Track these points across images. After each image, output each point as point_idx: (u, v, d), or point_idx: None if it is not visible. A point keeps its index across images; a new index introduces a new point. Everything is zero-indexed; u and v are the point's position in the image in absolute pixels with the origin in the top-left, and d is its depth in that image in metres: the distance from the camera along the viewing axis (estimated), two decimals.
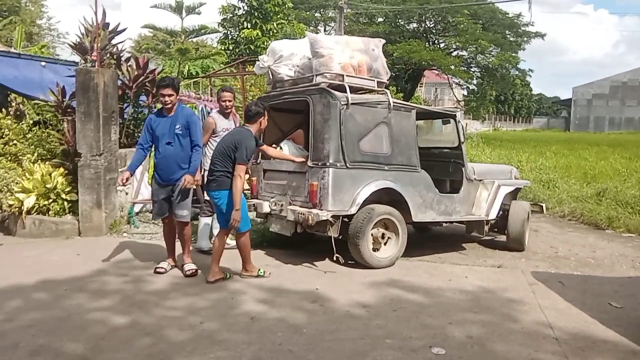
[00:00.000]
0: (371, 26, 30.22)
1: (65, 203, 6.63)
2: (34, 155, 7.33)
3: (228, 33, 19.80)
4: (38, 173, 6.64)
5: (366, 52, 5.63)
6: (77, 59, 8.35)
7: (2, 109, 8.12)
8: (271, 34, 17.43)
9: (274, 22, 17.86)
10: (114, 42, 7.59)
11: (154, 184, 5.05)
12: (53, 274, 4.87)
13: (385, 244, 5.42)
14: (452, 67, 29.70)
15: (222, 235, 4.87)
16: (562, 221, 8.37)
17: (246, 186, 5.75)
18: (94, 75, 6.48)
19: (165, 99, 4.81)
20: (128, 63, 7.47)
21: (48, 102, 7.57)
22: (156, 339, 3.52)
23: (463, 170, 6.18)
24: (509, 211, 6.23)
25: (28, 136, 7.68)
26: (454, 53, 32.33)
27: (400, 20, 31.96)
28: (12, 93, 9.29)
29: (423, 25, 32.54)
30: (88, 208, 6.53)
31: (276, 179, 5.73)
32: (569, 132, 50.97)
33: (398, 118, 5.51)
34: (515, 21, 31.64)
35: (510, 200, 6.48)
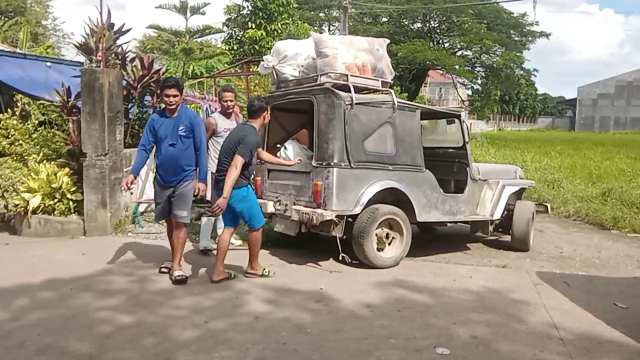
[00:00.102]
0: (375, 26, 30.24)
1: (70, 203, 6.65)
2: (40, 155, 7.34)
3: (232, 33, 19.85)
4: (43, 173, 6.66)
5: (370, 52, 5.63)
6: (83, 59, 8.40)
7: (8, 109, 8.15)
8: (275, 34, 17.47)
9: (279, 22, 17.91)
10: (119, 43, 7.64)
11: (156, 186, 5.01)
12: (58, 273, 4.89)
13: (389, 244, 5.41)
14: (457, 67, 29.69)
15: (227, 234, 4.87)
16: (567, 221, 8.33)
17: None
18: (99, 75, 6.50)
19: (169, 100, 4.74)
20: (133, 63, 7.51)
21: (53, 102, 7.61)
22: (161, 338, 3.53)
23: (468, 170, 6.16)
24: (514, 211, 6.21)
25: (34, 136, 7.69)
26: (459, 53, 32.33)
27: (404, 20, 32.00)
28: (18, 93, 9.35)
29: (427, 24, 32.56)
30: (93, 208, 6.56)
31: (280, 179, 5.73)
32: (574, 132, 50.76)
33: (402, 118, 5.51)
34: (520, 21, 31.62)
35: (515, 200, 6.46)
